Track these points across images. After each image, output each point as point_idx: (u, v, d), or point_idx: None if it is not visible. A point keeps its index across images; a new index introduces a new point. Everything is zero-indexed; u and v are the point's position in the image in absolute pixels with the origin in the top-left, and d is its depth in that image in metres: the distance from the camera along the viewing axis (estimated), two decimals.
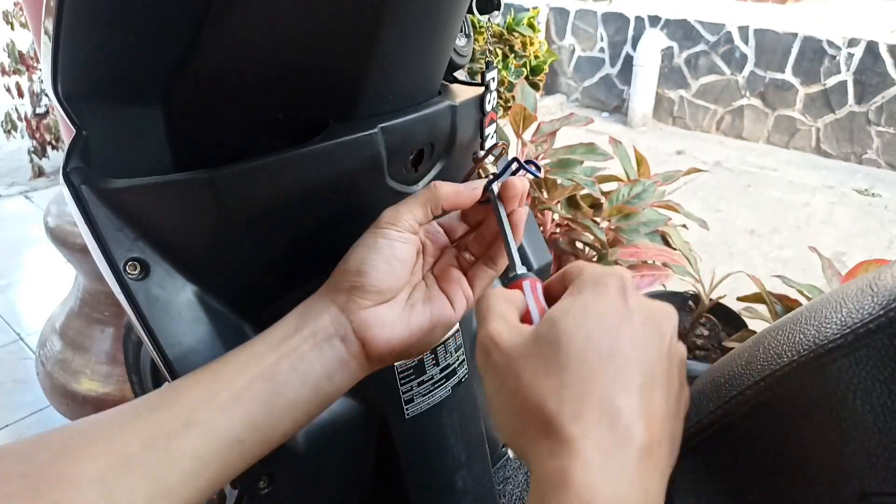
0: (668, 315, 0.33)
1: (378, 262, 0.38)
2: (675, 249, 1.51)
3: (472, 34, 0.53)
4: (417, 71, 0.45)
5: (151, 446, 0.30)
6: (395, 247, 0.38)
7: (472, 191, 0.40)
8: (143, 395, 0.34)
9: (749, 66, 3.43)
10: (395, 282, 0.38)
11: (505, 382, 0.31)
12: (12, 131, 2.87)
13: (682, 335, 1.52)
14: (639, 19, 3.73)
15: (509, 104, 3.09)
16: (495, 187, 0.41)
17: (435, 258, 0.43)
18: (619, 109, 3.95)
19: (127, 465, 0.29)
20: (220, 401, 0.33)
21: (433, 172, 0.48)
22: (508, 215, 0.41)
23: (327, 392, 0.37)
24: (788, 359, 0.35)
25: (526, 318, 0.36)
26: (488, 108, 0.50)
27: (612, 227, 1.53)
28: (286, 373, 0.35)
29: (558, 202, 1.54)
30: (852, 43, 3.10)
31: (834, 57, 3.17)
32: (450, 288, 0.42)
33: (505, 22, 3.51)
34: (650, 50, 3.58)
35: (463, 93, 0.50)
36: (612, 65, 3.92)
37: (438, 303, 0.41)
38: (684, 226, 1.63)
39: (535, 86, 3.59)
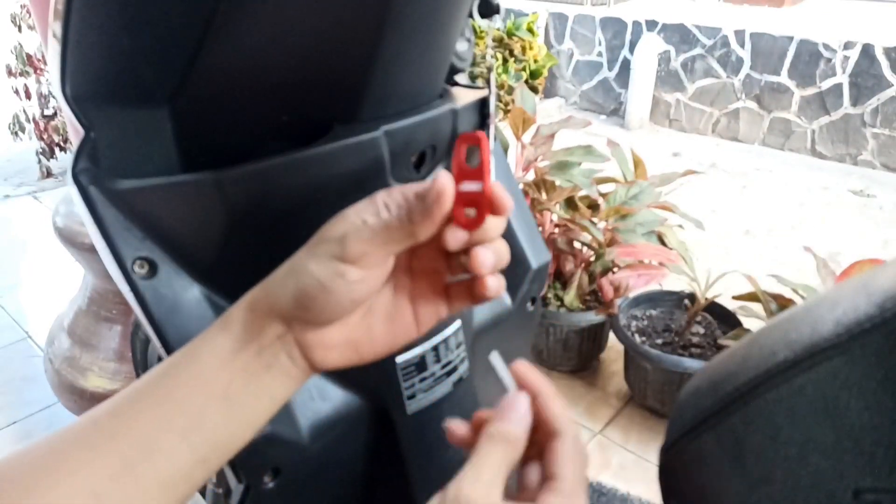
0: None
1: (329, 302, 0.32)
2: (671, 249, 1.52)
3: (472, 38, 0.54)
4: (419, 74, 0.45)
5: (117, 480, 0.29)
6: (354, 289, 0.32)
7: (443, 198, 0.32)
8: (91, 415, 0.31)
9: (745, 70, 3.45)
10: (347, 312, 0.34)
11: None
12: (20, 133, 2.87)
13: (679, 333, 1.53)
14: (636, 24, 3.74)
15: (509, 107, 3.09)
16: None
17: (409, 265, 0.36)
18: (616, 112, 3.96)
19: (97, 502, 0.29)
20: (178, 427, 0.31)
21: (434, 174, 0.49)
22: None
23: (282, 399, 0.35)
24: (783, 357, 0.35)
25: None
26: (491, 110, 0.51)
27: (610, 227, 1.53)
28: (240, 391, 0.33)
29: (557, 203, 1.55)
30: (848, 46, 3.12)
31: (830, 60, 3.18)
32: (418, 299, 0.36)
33: (505, 26, 3.52)
34: (647, 54, 3.59)
35: (464, 96, 0.51)
36: (610, 69, 3.92)
37: (401, 320, 0.36)
38: (680, 226, 1.64)
39: (534, 89, 3.60)
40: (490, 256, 0.33)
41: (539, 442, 0.35)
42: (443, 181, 0.31)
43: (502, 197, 0.32)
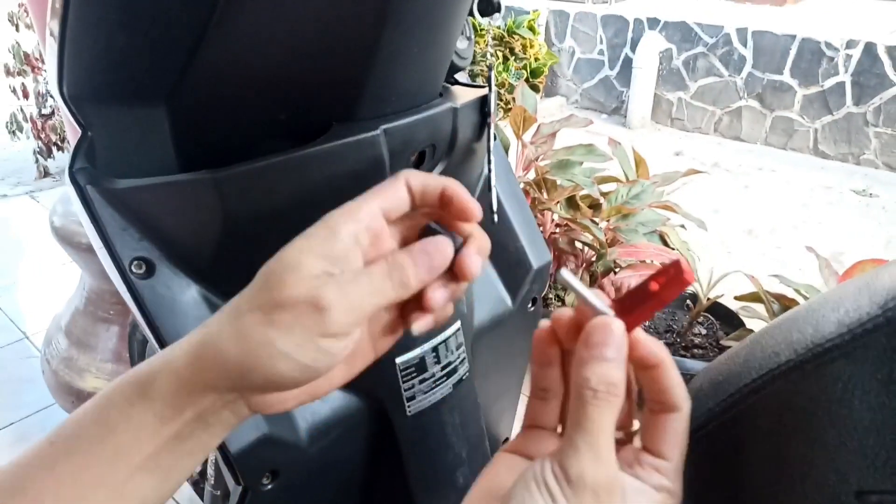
0: None
1: (305, 378, 0.29)
2: (673, 249, 1.51)
3: (472, 37, 0.53)
4: (419, 73, 0.45)
5: None
6: (336, 360, 0.29)
7: (440, 266, 0.31)
8: (4, 482, 0.28)
9: (747, 68, 3.44)
10: (312, 381, 0.30)
11: None
12: (17, 132, 2.87)
13: (681, 334, 1.52)
14: (638, 22, 3.74)
15: (510, 106, 3.09)
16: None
17: None
18: (618, 111, 3.96)
19: None
20: (101, 498, 0.28)
21: (435, 173, 0.48)
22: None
23: (218, 439, 0.31)
24: (786, 358, 0.35)
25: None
26: (492, 109, 0.51)
27: (611, 227, 1.53)
28: (170, 454, 0.29)
29: (558, 202, 1.55)
30: (850, 44, 3.11)
31: (832, 58, 3.17)
32: (375, 325, 0.33)
33: (505, 24, 3.52)
34: (649, 52, 3.58)
35: (464, 95, 0.50)
36: (612, 67, 3.92)
37: (359, 357, 0.33)
38: (682, 226, 1.64)
39: (535, 88, 3.60)
40: (442, 295, 0.31)
41: (650, 410, 0.30)
42: (442, 260, 0.31)
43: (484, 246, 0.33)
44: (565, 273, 0.30)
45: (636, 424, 0.32)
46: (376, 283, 0.29)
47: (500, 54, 3.43)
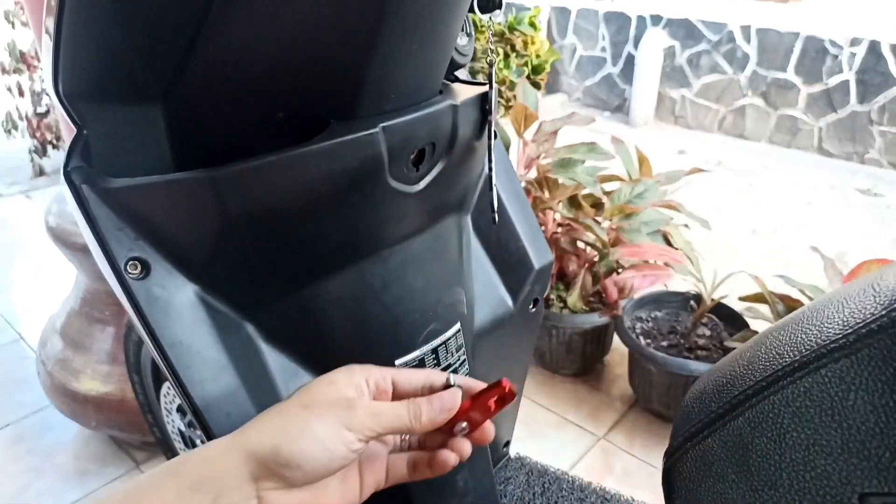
0: None
1: (320, 466, 0.34)
2: (676, 249, 1.50)
3: (473, 33, 0.53)
4: (419, 70, 0.44)
5: None
6: (346, 458, 0.35)
7: (448, 412, 0.39)
8: None
9: (751, 66, 3.43)
10: (329, 475, 0.35)
11: None
12: (13, 130, 2.87)
13: (684, 335, 1.52)
14: (640, 18, 3.73)
15: (511, 103, 3.08)
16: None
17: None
18: (620, 109, 3.95)
19: None
20: None
21: (434, 172, 0.48)
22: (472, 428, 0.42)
23: None
24: (790, 359, 0.34)
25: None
26: (493, 106, 0.50)
27: (614, 226, 1.52)
28: None
29: (560, 202, 1.54)
30: (855, 42, 3.10)
31: (836, 56, 3.16)
32: (366, 468, 0.40)
33: (506, 21, 3.51)
34: (652, 49, 3.57)
35: (464, 92, 0.50)
36: (614, 64, 3.91)
37: (350, 483, 0.39)
38: (686, 225, 1.63)
39: (536, 85, 3.59)
40: (453, 459, 0.41)
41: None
42: (451, 412, 0.39)
43: (487, 439, 0.41)
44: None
45: None
46: (396, 408, 0.37)
47: (500, 51, 3.43)
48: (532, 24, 3.55)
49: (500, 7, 0.48)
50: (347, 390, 0.37)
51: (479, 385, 0.42)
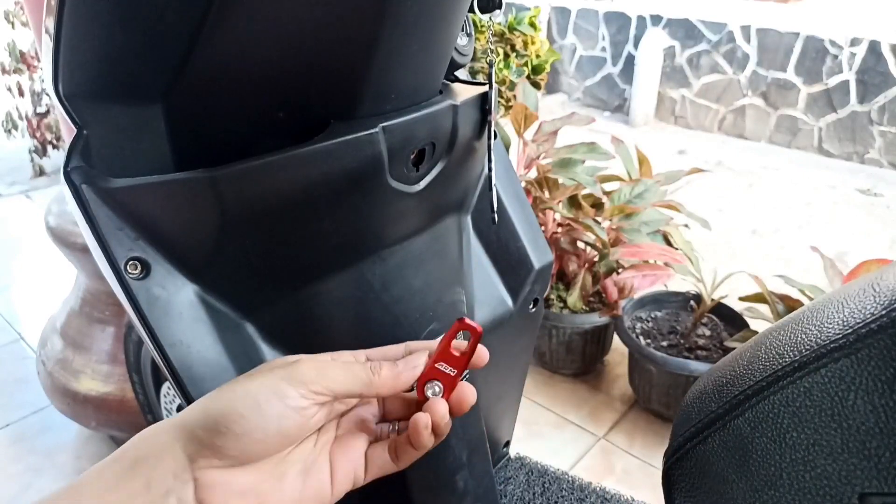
0: None
1: (254, 428, 0.29)
2: (676, 249, 1.50)
3: (473, 33, 0.53)
4: (419, 70, 0.44)
5: None
6: (285, 419, 0.30)
7: (412, 370, 0.35)
8: None
9: (751, 66, 3.42)
10: (263, 452, 0.30)
11: None
12: (13, 130, 2.88)
13: (684, 335, 1.52)
14: (640, 18, 3.73)
15: (511, 103, 3.08)
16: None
17: (337, 421, 0.35)
18: (620, 109, 3.95)
19: None
20: None
21: (434, 172, 0.48)
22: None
23: None
24: (790, 359, 0.34)
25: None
26: (493, 106, 0.50)
27: (614, 226, 1.52)
28: None
29: (560, 201, 1.54)
30: (855, 42, 3.10)
31: (836, 56, 3.16)
32: (339, 459, 0.34)
33: (506, 21, 3.51)
34: (652, 49, 3.57)
35: (464, 92, 0.50)
36: (614, 64, 3.91)
37: (316, 476, 0.33)
38: (686, 225, 1.63)
39: (536, 85, 3.59)
40: (428, 438, 0.34)
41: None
42: (415, 369, 0.35)
43: (467, 399, 0.36)
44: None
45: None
46: (351, 366, 0.33)
47: (500, 51, 3.42)
48: (532, 24, 3.55)
49: (500, 7, 0.48)
50: (294, 357, 0.33)
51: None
